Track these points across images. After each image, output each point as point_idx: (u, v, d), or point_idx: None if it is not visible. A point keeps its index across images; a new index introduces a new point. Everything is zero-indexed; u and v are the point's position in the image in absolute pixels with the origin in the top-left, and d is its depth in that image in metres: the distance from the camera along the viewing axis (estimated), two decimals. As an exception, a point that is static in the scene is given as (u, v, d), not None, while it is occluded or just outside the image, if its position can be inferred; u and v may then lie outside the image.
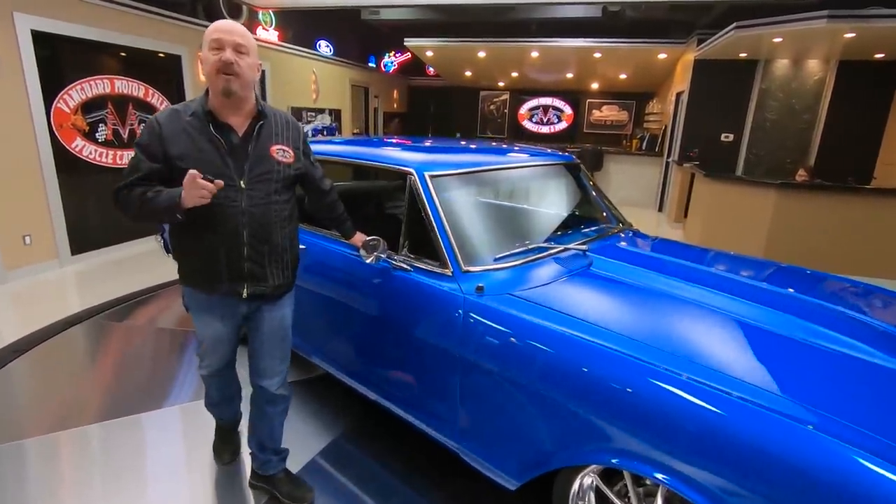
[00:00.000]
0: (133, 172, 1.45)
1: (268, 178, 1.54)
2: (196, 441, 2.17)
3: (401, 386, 1.92)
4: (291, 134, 1.64)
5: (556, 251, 1.92)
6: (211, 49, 1.42)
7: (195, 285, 1.60)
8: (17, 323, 3.37)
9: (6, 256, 3.98)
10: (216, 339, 1.68)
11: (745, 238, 5.11)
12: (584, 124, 11.39)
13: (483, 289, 1.64)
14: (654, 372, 1.24)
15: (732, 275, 1.95)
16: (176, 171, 1.42)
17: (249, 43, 1.46)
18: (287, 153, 1.59)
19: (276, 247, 1.59)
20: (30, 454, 2.08)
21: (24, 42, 3.94)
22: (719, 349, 1.39)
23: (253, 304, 1.63)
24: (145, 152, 1.45)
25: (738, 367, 1.27)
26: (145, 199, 1.42)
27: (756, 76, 6.75)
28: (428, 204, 1.80)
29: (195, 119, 1.47)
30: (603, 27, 7.80)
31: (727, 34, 5.25)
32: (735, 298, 1.67)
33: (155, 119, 1.48)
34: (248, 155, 1.50)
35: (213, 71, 1.41)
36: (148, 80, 5.10)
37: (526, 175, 2.23)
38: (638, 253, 2.09)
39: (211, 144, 1.46)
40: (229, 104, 1.47)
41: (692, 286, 1.74)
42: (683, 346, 1.37)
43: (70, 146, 4.44)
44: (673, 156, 7.88)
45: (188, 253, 1.58)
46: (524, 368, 1.46)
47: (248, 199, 1.50)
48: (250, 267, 1.55)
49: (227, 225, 1.49)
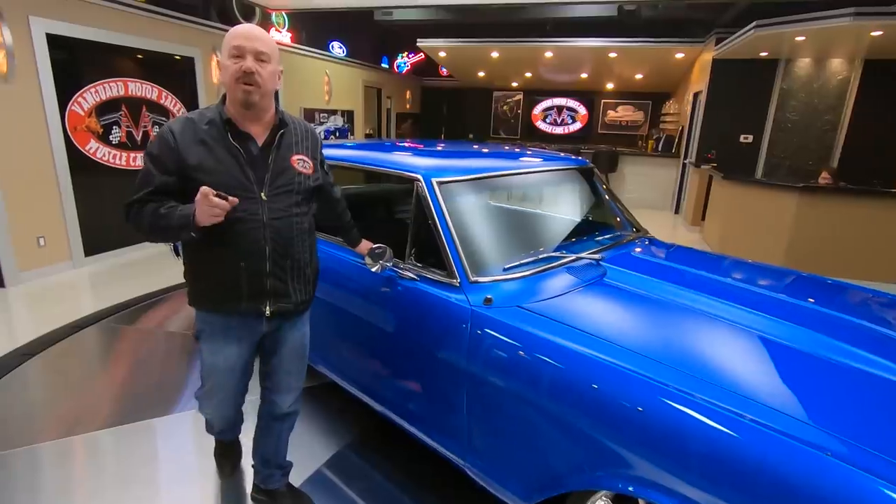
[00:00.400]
0: (144, 186, 1.36)
1: (289, 190, 1.46)
2: (205, 449, 2.14)
3: (407, 398, 1.87)
4: (311, 143, 1.57)
5: (569, 261, 1.85)
6: (230, 56, 1.33)
7: (212, 306, 1.48)
8: (30, 324, 3.39)
9: (20, 257, 4.01)
10: (228, 369, 1.55)
11: (764, 243, 4.96)
12: (598, 125, 11.24)
13: (491, 300, 1.57)
14: (667, 392, 1.17)
15: (750, 286, 1.86)
16: (192, 184, 1.32)
17: (271, 49, 1.38)
18: (307, 163, 1.52)
19: (297, 261, 1.51)
20: (41, 460, 2.07)
21: (40, 45, 3.98)
22: (736, 367, 1.31)
23: (274, 322, 1.54)
24: (157, 164, 1.36)
25: (755, 387, 1.20)
26: (157, 216, 1.33)
27: (777, 76, 6.58)
28: (435, 211, 1.74)
29: (212, 128, 1.38)
30: (618, 26, 7.68)
31: (747, 33, 5.11)
32: (753, 312, 1.58)
33: (168, 128, 1.37)
34: (269, 165, 1.42)
35: (232, 80, 1.33)
36: (161, 82, 5.12)
37: (537, 180, 2.16)
38: (653, 262, 2.01)
39: (230, 155, 1.38)
40: (249, 114, 1.40)
41: (709, 298, 1.66)
42: (699, 363, 1.29)
43: (84, 148, 4.47)
44: (690, 157, 7.73)
45: (204, 271, 1.46)
46: (533, 385, 1.39)
47: (270, 212, 1.42)
48: (273, 283, 1.46)
49: (249, 239, 1.40)
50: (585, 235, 2.19)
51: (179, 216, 1.31)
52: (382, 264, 1.80)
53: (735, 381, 1.21)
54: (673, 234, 6.98)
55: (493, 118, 12.08)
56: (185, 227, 1.30)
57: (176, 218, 1.31)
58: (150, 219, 1.35)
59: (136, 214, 1.37)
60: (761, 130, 6.86)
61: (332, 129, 8.40)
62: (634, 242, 2.20)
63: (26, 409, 2.42)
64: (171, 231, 1.33)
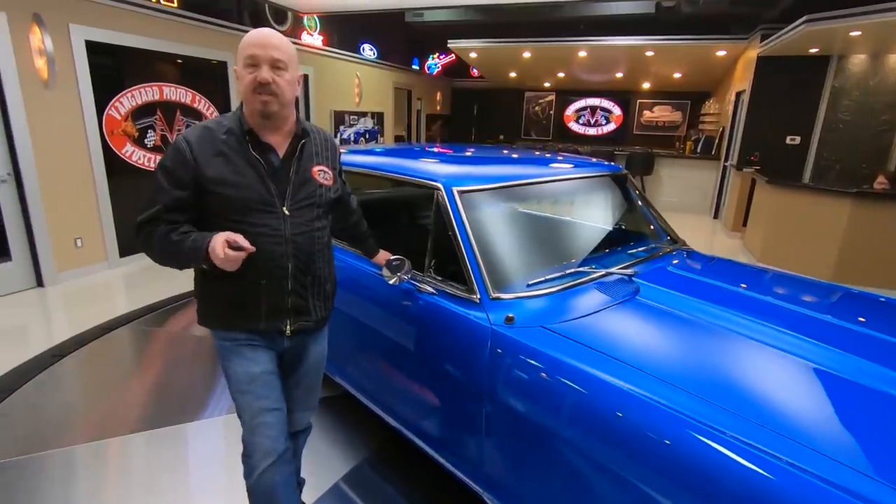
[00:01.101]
0: (155, 203, 1.26)
1: (310, 203, 1.38)
2: (234, 457, 2.14)
3: (423, 417, 1.78)
4: (331, 153, 1.49)
5: (598, 276, 1.72)
6: (245, 66, 1.26)
7: (228, 325, 1.38)
8: (66, 324, 3.48)
9: (58, 258, 4.14)
10: (268, 373, 1.40)
11: (812, 253, 4.66)
12: (633, 125, 10.91)
13: (513, 320, 1.47)
14: (697, 427, 1.04)
15: (796, 306, 1.68)
16: (210, 198, 1.26)
17: (288, 55, 1.29)
18: (328, 174, 1.44)
19: (318, 277, 1.44)
20: (71, 464, 2.09)
21: (79, 52, 4.09)
22: (777, 400, 1.16)
23: (295, 339, 1.46)
24: (170, 178, 1.25)
25: (796, 424, 1.06)
26: (168, 242, 1.24)
27: (828, 73, 6.19)
28: (455, 222, 1.65)
29: (231, 138, 1.29)
30: (656, 24, 7.40)
31: (797, 29, 4.81)
32: (798, 336, 1.42)
33: (184, 139, 1.27)
34: (291, 178, 1.35)
35: (249, 90, 1.26)
36: (195, 86, 5.21)
37: (567, 188, 2.03)
38: (691, 279, 1.86)
39: (250, 167, 1.29)
40: (269, 124, 1.32)
41: (750, 320, 1.51)
42: (736, 395, 1.16)
43: (120, 152, 4.58)
44: (731, 159, 7.37)
45: (219, 289, 1.35)
46: (555, 412, 1.28)
47: (292, 227, 1.34)
48: (294, 301, 1.39)
49: (271, 257, 1.31)
50: (617, 247, 2.06)
51: (191, 247, 1.22)
52: (400, 277, 1.72)
53: (774, 417, 1.08)
54: (711, 241, 6.67)
55: (525, 119, 11.89)
56: (196, 258, 1.22)
57: (187, 248, 1.22)
58: (160, 244, 1.26)
59: (147, 237, 1.28)
60: (810, 131, 6.47)
61: (361, 132, 8.42)
62: (671, 255, 2.05)
63: (57, 410, 2.45)
64: (182, 259, 1.25)
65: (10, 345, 3.11)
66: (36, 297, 3.90)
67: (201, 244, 1.20)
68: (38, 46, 3.80)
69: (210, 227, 1.27)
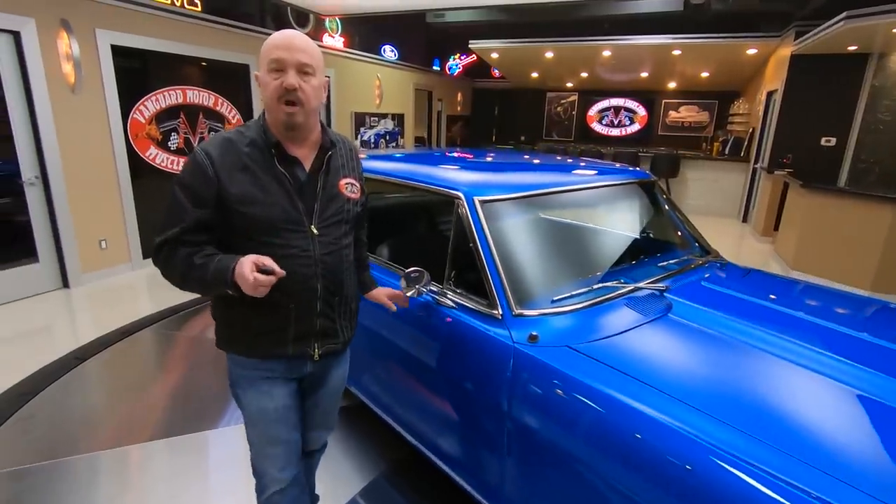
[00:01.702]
0: (175, 223, 1.15)
1: (339, 220, 1.29)
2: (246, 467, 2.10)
3: (441, 434, 1.72)
4: (356, 164, 1.39)
5: (628, 291, 1.63)
6: (269, 71, 1.15)
7: (249, 353, 1.28)
8: (90, 325, 3.52)
9: (84, 260, 4.20)
10: (283, 408, 1.32)
11: (849, 262, 4.44)
12: (658, 126, 10.66)
13: (537, 338, 1.39)
14: (730, 460, 0.96)
15: (840, 325, 1.56)
16: (235, 217, 1.16)
17: (315, 59, 1.18)
18: (355, 187, 1.34)
19: (345, 297, 1.36)
20: (93, 469, 2.09)
21: (105, 57, 4.15)
22: (817, 430, 1.07)
23: (320, 363, 1.36)
24: (190, 196, 1.14)
25: (834, 455, 0.98)
26: (191, 266, 1.14)
27: (867, 72, 5.91)
28: (477, 233, 1.58)
29: (255, 150, 1.19)
30: (684, 22, 7.20)
31: (835, 25, 4.59)
32: (843, 360, 1.31)
33: (203, 151, 1.16)
34: (318, 193, 1.25)
35: (273, 98, 1.15)
36: (217, 89, 5.25)
37: (592, 197, 1.94)
38: (726, 294, 1.75)
39: (277, 183, 1.19)
40: (294, 135, 1.22)
41: (790, 341, 1.40)
42: (773, 424, 1.07)
43: (144, 154, 4.64)
44: (762, 161, 7.12)
45: (244, 314, 1.24)
46: (581, 439, 1.21)
47: (321, 247, 1.25)
48: (322, 323, 1.30)
49: (300, 279, 1.22)
50: (647, 259, 1.96)
51: (215, 271, 1.11)
52: (419, 289, 1.66)
53: (812, 448, 1.00)
54: (740, 246, 6.45)
55: (546, 120, 11.73)
56: (221, 283, 1.11)
57: (212, 272, 1.12)
58: (182, 268, 1.16)
59: (167, 259, 1.17)
60: (846, 132, 6.20)
61: (381, 133, 8.41)
62: (704, 268, 1.94)
63: (79, 414, 2.47)
64: (206, 285, 1.15)
65: (37, 346, 3.16)
66: (62, 298, 3.96)
67: (227, 268, 1.10)
68: (66, 52, 3.86)
69: (233, 249, 1.18)
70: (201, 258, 1.14)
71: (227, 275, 1.10)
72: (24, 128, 3.75)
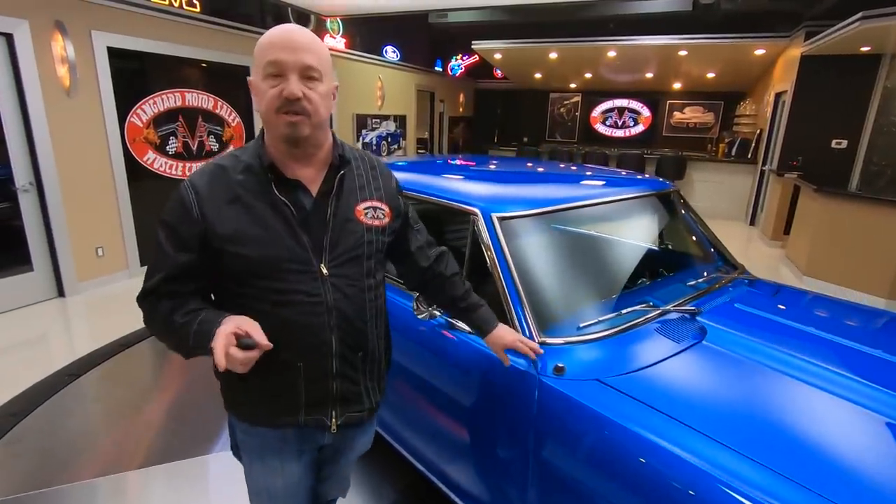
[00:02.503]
0: (156, 271, 0.98)
1: (357, 255, 1.05)
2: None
3: (456, 467, 1.60)
4: (382, 182, 1.14)
5: (657, 314, 1.52)
6: (266, 76, 0.94)
7: (255, 419, 1.10)
8: (86, 336, 3.42)
9: (80, 268, 4.09)
10: (291, 489, 1.15)
11: (865, 269, 4.32)
12: (663, 127, 10.54)
13: (564, 370, 1.28)
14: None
15: (887, 353, 1.45)
16: (227, 258, 0.97)
17: (322, 60, 0.97)
18: (380, 211, 1.10)
19: (372, 352, 1.12)
20: (88, 499, 1.97)
21: (101, 59, 4.03)
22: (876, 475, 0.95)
23: (340, 433, 1.13)
24: (172, 238, 0.97)
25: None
26: (171, 327, 0.97)
27: (879, 73, 5.79)
28: (495, 253, 1.47)
29: (249, 177, 0.99)
30: (691, 22, 7.08)
31: (850, 26, 4.48)
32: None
33: (189, 184, 0.98)
34: (329, 223, 1.02)
35: (271, 109, 0.94)
36: (217, 92, 5.14)
37: (614, 211, 1.82)
38: (762, 318, 1.63)
39: (275, 214, 0.98)
40: (298, 153, 1.01)
41: (838, 374, 1.29)
42: (838, 477, 0.95)
43: (142, 159, 4.52)
44: (770, 164, 7.01)
45: (246, 374, 0.95)
46: (615, 485, 1.09)
47: (335, 290, 1.02)
48: (341, 386, 1.07)
49: (308, 332, 1.01)
50: (673, 276, 1.84)
51: (196, 336, 0.94)
52: (431, 312, 1.55)
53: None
54: (747, 249, 6.34)
55: (550, 121, 11.61)
56: (202, 351, 0.94)
57: (192, 338, 0.94)
58: (163, 327, 0.99)
59: (149, 315, 1.01)
60: (858, 135, 6.08)
61: (383, 135, 8.30)
62: (734, 286, 1.82)
63: (71, 437, 2.35)
64: (187, 351, 0.98)
65: (31, 358, 3.05)
66: (57, 307, 3.85)
67: (208, 334, 0.91)
68: (60, 54, 3.74)
69: (228, 295, 1.02)
70: (183, 316, 0.96)
71: (207, 342, 0.91)
72: (18, 132, 3.64)
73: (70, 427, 2.43)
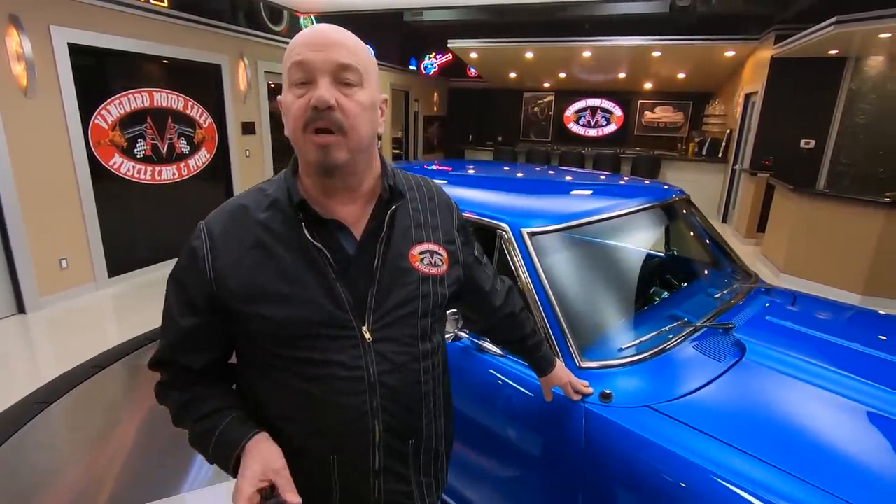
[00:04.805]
0: (163, 336, 0.82)
1: (410, 312, 0.82)
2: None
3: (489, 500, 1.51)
4: (441, 218, 0.90)
5: (692, 330, 1.46)
6: (293, 84, 0.73)
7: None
8: (52, 358, 3.15)
9: (42, 282, 3.79)
10: None
11: (841, 265, 4.46)
12: (635, 126, 10.72)
13: (611, 397, 1.21)
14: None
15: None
16: (242, 320, 0.78)
17: (361, 58, 0.75)
18: (439, 256, 0.86)
19: (429, 439, 0.88)
20: None
21: (61, 56, 3.73)
22: None
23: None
24: (178, 297, 0.80)
25: None
26: (184, 425, 0.83)
27: (844, 76, 6.02)
28: (528, 271, 1.38)
29: (276, 215, 0.78)
30: (662, 24, 7.18)
31: (825, 30, 4.61)
32: None
33: (204, 227, 0.80)
34: (375, 272, 0.80)
35: (297, 126, 0.73)
36: (187, 91, 4.87)
37: (638, 221, 1.76)
38: (798, 331, 1.59)
39: (307, 264, 0.77)
40: (335, 184, 0.79)
41: (883, 391, 1.27)
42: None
43: (108, 163, 4.23)
44: (741, 163, 7.20)
45: None
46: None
47: (380, 360, 0.79)
48: (386, 485, 0.84)
49: (345, 416, 0.79)
50: (694, 287, 1.80)
51: (216, 456, 0.79)
52: (456, 333, 1.45)
53: None
54: (725, 247, 6.48)
55: (524, 120, 11.65)
56: (223, 466, 0.79)
57: (212, 456, 0.79)
58: (175, 418, 0.85)
59: (164, 395, 0.86)
60: (825, 135, 6.30)
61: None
62: (757, 297, 1.79)
63: (41, 478, 2.12)
64: (206, 456, 0.82)
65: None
66: (18, 325, 3.55)
67: (228, 458, 0.76)
68: (16, 51, 3.44)
69: (253, 363, 0.83)
70: (196, 422, 0.81)
71: (231, 460, 0.76)
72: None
73: (40, 464, 2.20)
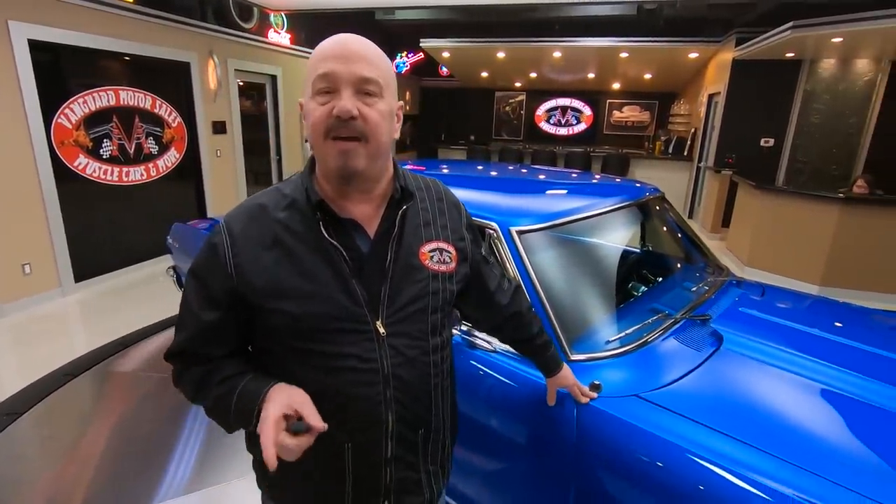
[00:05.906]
0: (182, 328, 0.86)
1: (420, 307, 0.87)
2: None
3: (486, 497, 1.55)
4: (449, 217, 0.95)
5: (672, 323, 1.54)
6: (316, 94, 0.79)
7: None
8: (17, 370, 3.02)
9: (4, 288, 3.63)
10: None
11: (800, 258, 4.70)
12: (604, 125, 10.97)
13: (600, 387, 1.26)
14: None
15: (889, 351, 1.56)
16: (263, 315, 0.82)
17: (383, 71, 0.81)
18: (448, 254, 0.91)
19: (437, 430, 0.94)
20: None
21: (21, 53, 3.58)
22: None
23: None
24: (200, 293, 0.84)
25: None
26: (207, 395, 0.85)
27: (800, 77, 6.32)
28: (518, 269, 1.42)
29: (294, 215, 0.82)
30: (630, 26, 7.38)
31: (782, 34, 4.83)
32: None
33: (224, 225, 0.84)
34: (388, 270, 0.84)
35: (318, 132, 0.78)
36: (155, 89, 4.74)
37: (619, 219, 1.83)
38: (769, 321, 1.68)
39: (325, 261, 0.81)
40: (353, 188, 0.84)
41: (853, 375, 1.36)
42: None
43: (72, 164, 4.08)
44: (706, 161, 7.48)
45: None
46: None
47: (394, 353, 0.84)
48: (397, 473, 0.90)
49: (360, 406, 0.83)
50: (671, 281, 1.89)
51: (238, 412, 0.80)
52: (449, 330, 1.48)
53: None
54: (692, 243, 6.72)
55: (495, 119, 11.75)
56: (245, 425, 0.82)
57: (234, 414, 0.81)
58: (194, 392, 0.87)
59: (179, 378, 0.88)
60: (783, 134, 6.61)
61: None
62: (729, 289, 1.89)
63: (12, 489, 2.05)
64: (229, 424, 0.85)
65: (-49, 399, 2.65)
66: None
67: (251, 411, 0.78)
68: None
69: (270, 357, 0.86)
70: (218, 385, 0.83)
71: (251, 418, 0.78)
72: (-79, 137, 3.16)
73: (12, 475, 2.12)
